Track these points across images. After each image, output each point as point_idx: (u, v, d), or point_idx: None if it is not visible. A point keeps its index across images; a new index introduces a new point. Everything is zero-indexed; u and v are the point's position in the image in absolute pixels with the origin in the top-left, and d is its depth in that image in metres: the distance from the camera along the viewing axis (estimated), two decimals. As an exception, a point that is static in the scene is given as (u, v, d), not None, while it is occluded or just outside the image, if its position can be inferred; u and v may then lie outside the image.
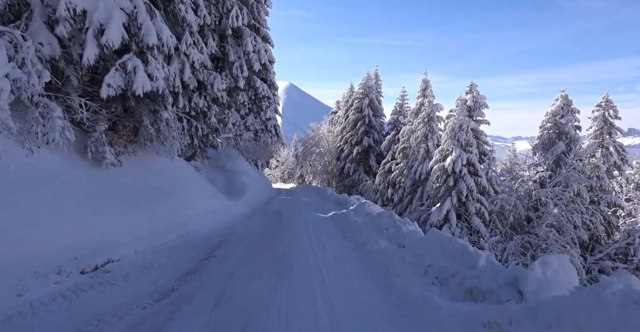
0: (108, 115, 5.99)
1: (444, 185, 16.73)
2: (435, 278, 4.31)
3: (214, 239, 6.73)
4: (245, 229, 8.01)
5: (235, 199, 11.69)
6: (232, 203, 10.77)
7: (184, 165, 8.80)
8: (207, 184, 10.03)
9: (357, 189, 29.20)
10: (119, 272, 4.32)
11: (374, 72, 30.54)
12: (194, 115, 11.60)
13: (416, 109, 21.62)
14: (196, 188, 8.37)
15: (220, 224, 8.17)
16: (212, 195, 9.42)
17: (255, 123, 22.28)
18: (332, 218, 11.11)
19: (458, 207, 16.46)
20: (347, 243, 7.03)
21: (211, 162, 16.82)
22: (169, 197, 6.78)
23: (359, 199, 13.75)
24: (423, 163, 19.61)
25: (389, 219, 7.18)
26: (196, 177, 9.13)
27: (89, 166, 5.56)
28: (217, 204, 9.31)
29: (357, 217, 9.42)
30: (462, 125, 16.58)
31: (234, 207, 10.52)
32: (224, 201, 10.07)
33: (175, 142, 8.19)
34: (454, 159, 16.28)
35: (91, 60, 4.93)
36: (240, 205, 11.46)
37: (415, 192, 20.05)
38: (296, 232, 8.13)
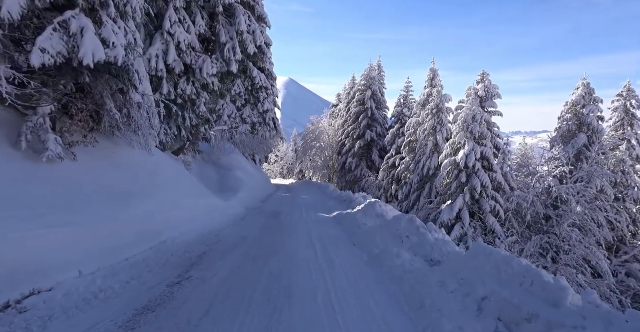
0: (55, 95, 4.60)
1: (456, 181, 15.39)
2: (497, 320, 2.97)
3: (195, 250, 5.38)
4: (236, 236, 6.66)
5: (228, 198, 10.34)
6: (224, 203, 9.42)
7: (164, 159, 7.44)
8: (194, 181, 8.68)
9: (360, 185, 27.89)
10: (41, 311, 2.97)
11: (377, 63, 29.06)
12: (181, 103, 10.22)
13: (423, 100, 20.19)
14: (179, 186, 7.01)
15: (206, 229, 6.82)
16: (200, 194, 8.06)
17: (252, 115, 20.87)
18: (337, 220, 9.77)
19: (471, 205, 15.13)
20: (359, 254, 5.69)
21: (204, 157, 15.46)
22: (140, 199, 5.42)
23: (366, 198, 12.41)
24: (431, 157, 18.25)
25: (409, 224, 5.84)
26: (180, 174, 7.78)
27: (25, 159, 4.20)
28: (206, 205, 7.96)
29: (367, 219, 8.09)
30: (475, 116, 15.19)
31: (226, 208, 9.18)
32: (214, 201, 8.72)
33: (153, 131, 6.82)
34: (466, 153, 14.92)
35: (14, 14, 3.56)
36: (233, 205, 10.11)
37: (422, 189, 18.71)
38: (296, 239, 6.79)
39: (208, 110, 12.21)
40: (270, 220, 9.10)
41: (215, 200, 8.85)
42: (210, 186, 11.69)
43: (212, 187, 11.73)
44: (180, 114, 10.26)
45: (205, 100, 10.65)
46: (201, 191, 8.51)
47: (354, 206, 11.83)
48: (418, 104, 20.46)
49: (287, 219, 9.63)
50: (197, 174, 12.25)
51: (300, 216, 10.58)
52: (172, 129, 10.32)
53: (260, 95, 20.79)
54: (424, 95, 20.17)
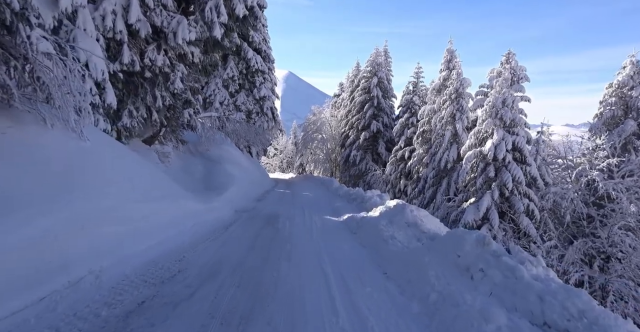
0: None
1: (482, 175, 13.15)
2: None
3: (127, 297, 3.14)
4: (209, 260, 4.43)
5: (210, 198, 8.08)
6: (204, 205, 7.16)
7: (108, 147, 5.14)
8: (161, 178, 6.39)
9: (365, 180, 25.67)
10: None
11: (383, 48, 26.61)
12: (150, 77, 7.90)
13: (439, 85, 17.84)
14: (129, 186, 4.75)
15: (166, 248, 4.58)
16: (166, 196, 5.79)
17: (247, 102, 18.53)
18: (351, 226, 7.52)
19: (500, 203, 12.91)
20: (401, 299, 3.45)
21: (189, 148, 13.16)
22: (35, 211, 3.18)
23: (382, 196, 10.15)
24: (449, 149, 15.99)
25: (479, 248, 3.57)
26: (137, 168, 5.50)
27: None
28: (174, 210, 5.70)
29: (395, 230, 5.85)
30: (505, 100, 12.89)
31: (206, 212, 6.94)
32: (188, 204, 6.46)
33: (85, 103, 4.54)
34: (495, 142, 12.65)
35: None
36: (217, 207, 7.87)
37: (439, 184, 16.48)
38: (299, 264, 4.54)
39: (189, 90, 9.91)
40: (263, 228, 6.85)
41: (190, 202, 6.59)
42: (191, 183, 9.45)
43: (194, 184, 9.48)
44: (148, 91, 7.97)
45: (182, 75, 8.33)
46: (170, 190, 6.24)
47: (368, 207, 9.59)
48: (432, 89, 18.12)
49: (285, 226, 7.38)
50: (177, 169, 9.99)
51: (302, 220, 8.34)
52: (140, 110, 8.02)
53: (256, 80, 18.44)
54: (439, 79, 17.81)
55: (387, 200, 9.87)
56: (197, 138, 13.62)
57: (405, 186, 23.12)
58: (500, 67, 15.76)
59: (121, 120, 7.69)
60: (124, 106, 7.78)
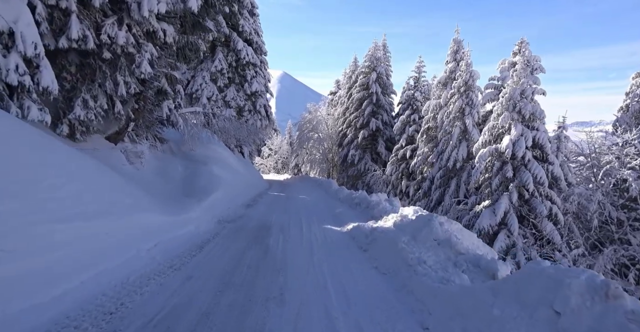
0: None
1: (498, 175, 11.75)
2: None
3: None
4: (159, 313, 2.92)
5: (186, 207, 6.55)
6: (173, 217, 5.63)
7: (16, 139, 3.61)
8: (110, 185, 4.85)
9: (364, 181, 24.23)
10: None
11: (382, 42, 25.19)
12: (110, 59, 6.36)
13: (445, 77, 16.44)
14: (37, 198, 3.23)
15: (89, 293, 3.04)
16: (112, 208, 4.22)
17: (237, 98, 16.97)
18: (359, 241, 6.03)
19: (519, 206, 11.52)
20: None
21: (171, 147, 11.59)
22: None
23: (392, 202, 8.67)
24: (458, 147, 14.59)
25: (604, 310, 2.13)
26: (60, 171, 3.95)
27: None
28: (122, 229, 4.17)
29: (421, 250, 4.37)
30: (524, 91, 11.50)
31: (175, 226, 5.42)
32: (149, 218, 4.92)
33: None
34: (513, 139, 11.26)
35: None
36: (195, 218, 6.34)
37: (447, 185, 15.08)
38: (299, 315, 3.05)
39: (165, 78, 8.38)
40: (250, 247, 5.34)
41: (153, 215, 5.05)
42: (166, 188, 7.91)
43: (170, 189, 7.94)
44: (108, 76, 6.43)
45: (152, 57, 6.79)
46: (127, 201, 4.71)
47: (376, 214, 8.12)
48: (438, 82, 16.71)
49: (278, 241, 5.88)
50: (151, 171, 8.44)
51: (299, 232, 6.85)
52: (99, 99, 6.47)
53: (247, 73, 16.89)
54: (445, 71, 16.41)
55: (398, 206, 8.42)
56: (180, 137, 12.07)
57: (407, 186, 21.71)
58: (514, 58, 14.41)
59: (73, 111, 6.14)
60: (77, 94, 6.23)
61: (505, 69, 14.50)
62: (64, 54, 6.19)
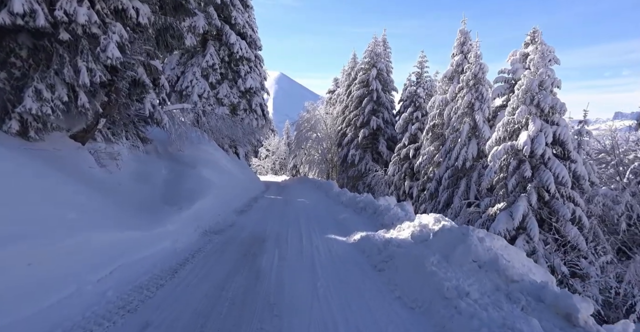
0: None
1: (515, 175, 10.71)
2: None
3: None
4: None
5: (163, 218, 5.46)
6: (143, 232, 4.53)
7: None
8: (55, 196, 3.77)
9: (365, 182, 23.18)
10: None
11: (382, 38, 24.16)
12: (69, 40, 5.27)
13: (451, 71, 15.40)
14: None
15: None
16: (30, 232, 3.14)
17: (231, 95, 15.86)
18: (371, 257, 4.95)
19: (538, 208, 10.49)
20: None
21: (156, 148, 10.49)
22: None
23: (404, 207, 7.58)
24: (468, 144, 13.54)
25: None
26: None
27: None
28: (60, 254, 3.08)
29: (459, 275, 3.32)
30: (543, 82, 10.48)
31: (144, 244, 4.34)
32: (104, 235, 3.82)
33: None
34: (532, 135, 10.23)
35: None
36: (173, 231, 5.25)
37: (456, 186, 14.03)
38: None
39: (143, 68, 7.29)
40: (237, 271, 4.25)
41: (109, 233, 3.94)
42: (143, 195, 6.80)
43: (149, 196, 6.83)
44: (67, 61, 5.33)
45: (122, 40, 5.69)
46: (67, 215, 3.61)
47: (386, 222, 7.04)
48: (444, 77, 15.68)
49: (273, 261, 4.80)
50: (127, 175, 7.33)
51: (298, 246, 5.77)
52: (56, 89, 5.37)
53: (241, 68, 15.78)
54: (451, 65, 15.38)
55: (411, 212, 7.35)
56: (166, 136, 10.98)
57: (411, 187, 20.69)
58: (526, 49, 13.40)
59: (23, 103, 5.04)
60: (28, 83, 5.13)
61: (517, 61, 13.48)
62: (12, 34, 5.10)
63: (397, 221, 6.54)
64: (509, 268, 3.18)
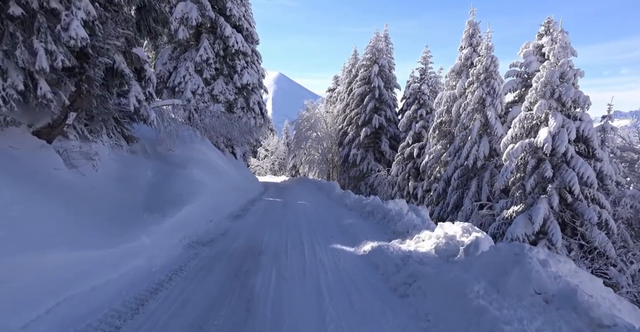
0: None
1: (534, 175, 9.82)
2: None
3: None
4: None
5: (140, 230, 4.55)
6: (105, 251, 3.63)
7: None
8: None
9: (367, 182, 22.31)
10: None
11: (384, 33, 23.27)
12: (22, 17, 4.36)
13: (459, 65, 14.52)
14: None
15: None
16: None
17: (226, 91, 14.95)
18: (388, 276, 4.04)
19: (560, 211, 9.61)
20: None
21: (144, 147, 9.58)
22: None
23: (419, 212, 6.68)
24: (479, 142, 12.65)
25: None
26: None
27: None
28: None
29: (522, 313, 2.46)
30: (564, 74, 9.59)
31: (110, 264, 3.45)
32: (45, 257, 2.94)
33: None
34: (553, 131, 9.34)
35: None
36: (148, 245, 4.35)
37: (466, 187, 13.14)
38: None
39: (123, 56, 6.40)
40: (224, 300, 3.34)
41: (52, 254, 3.04)
42: (122, 199, 5.89)
43: (127, 201, 5.92)
44: (20, 41, 4.42)
45: (88, 17, 4.79)
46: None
47: (399, 229, 6.14)
48: (451, 71, 14.79)
49: (270, 281, 3.90)
50: (104, 178, 6.42)
51: (300, 260, 4.87)
52: (9, 75, 4.46)
53: (237, 63, 14.86)
54: (459, 59, 14.50)
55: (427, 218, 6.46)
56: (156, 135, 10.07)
57: (415, 188, 19.83)
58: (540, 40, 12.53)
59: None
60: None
61: (530, 53, 12.60)
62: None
63: (413, 229, 5.64)
64: (593, 306, 2.30)
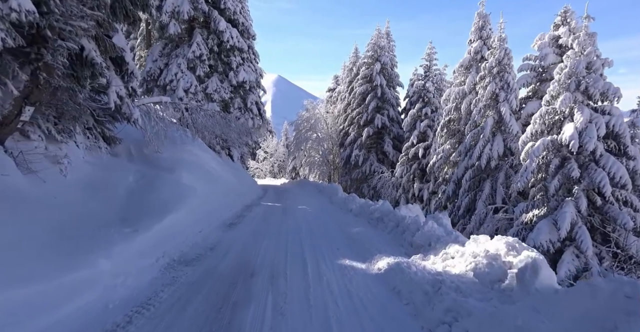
0: None
1: (558, 175, 8.88)
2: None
3: None
4: None
5: (99, 251, 3.60)
6: (38, 286, 2.68)
7: None
8: None
9: (370, 184, 21.37)
10: None
11: (385, 30, 22.39)
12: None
13: (468, 60, 13.61)
14: None
15: None
16: None
17: (221, 89, 14.00)
18: (420, 316, 3.06)
19: (588, 215, 8.66)
20: None
21: (129, 149, 8.64)
22: None
23: (441, 221, 5.67)
24: (492, 141, 11.71)
25: None
26: None
27: None
28: None
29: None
30: (591, 64, 8.66)
31: (51, 301, 2.52)
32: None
33: None
34: (580, 127, 8.40)
35: None
36: (106, 271, 3.40)
37: (479, 189, 12.19)
38: None
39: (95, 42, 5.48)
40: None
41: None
42: (88, 211, 4.95)
43: (95, 212, 4.97)
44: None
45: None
46: None
47: (418, 241, 5.17)
48: (460, 66, 13.87)
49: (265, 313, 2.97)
50: (73, 184, 5.48)
51: (303, 284, 3.92)
52: None
53: (232, 60, 13.92)
54: (468, 52, 13.59)
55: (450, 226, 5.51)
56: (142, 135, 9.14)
57: (421, 189, 18.89)
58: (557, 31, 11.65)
59: None
60: None
61: (546, 45, 11.71)
62: None
63: (436, 242, 4.69)
64: None
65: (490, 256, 3.41)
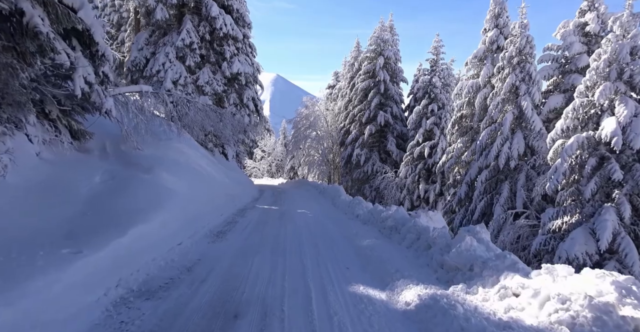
0: None
1: (595, 178, 7.72)
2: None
3: None
4: None
5: (7, 291, 2.39)
6: None
7: None
8: None
9: (372, 185, 20.18)
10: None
11: (389, 23, 21.21)
12: None
13: (483, 50, 12.43)
14: None
15: None
16: None
17: (214, 81, 12.73)
18: None
19: (632, 224, 7.51)
20: None
21: (105, 145, 7.41)
22: None
23: (479, 235, 4.44)
24: (511, 139, 10.55)
25: None
26: None
27: None
28: None
29: None
30: (636, 48, 7.51)
31: None
32: None
33: None
34: (623, 121, 7.24)
35: None
36: (14, 322, 2.20)
37: (497, 191, 11.02)
38: None
39: (38, 6, 4.29)
40: None
41: None
42: (23, 225, 3.74)
43: (27, 229, 3.77)
44: None
45: None
46: None
47: (452, 262, 4.02)
48: (474, 57, 12.68)
49: None
50: (10, 191, 4.28)
51: (306, 327, 2.74)
52: None
53: (226, 50, 12.65)
54: (483, 42, 12.42)
55: (489, 242, 4.33)
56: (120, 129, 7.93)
57: (427, 191, 17.75)
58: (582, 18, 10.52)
59: None
60: None
61: (570, 33, 10.57)
62: None
63: (481, 268, 3.51)
64: None
65: (596, 307, 2.22)
